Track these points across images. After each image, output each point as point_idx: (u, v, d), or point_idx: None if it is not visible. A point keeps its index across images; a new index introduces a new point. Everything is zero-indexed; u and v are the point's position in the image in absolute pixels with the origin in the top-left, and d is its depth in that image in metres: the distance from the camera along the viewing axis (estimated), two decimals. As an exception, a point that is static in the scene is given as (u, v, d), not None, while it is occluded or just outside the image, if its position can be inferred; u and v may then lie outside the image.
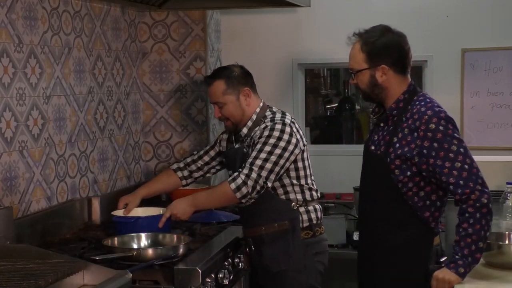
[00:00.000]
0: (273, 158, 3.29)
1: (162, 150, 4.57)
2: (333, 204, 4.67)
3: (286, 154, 3.33)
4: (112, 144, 4.13)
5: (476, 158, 2.98)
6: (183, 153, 4.54)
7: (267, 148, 3.30)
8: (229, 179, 3.29)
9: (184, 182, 3.72)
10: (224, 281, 3.15)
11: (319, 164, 4.97)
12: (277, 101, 5.02)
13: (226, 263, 3.23)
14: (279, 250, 3.37)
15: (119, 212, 3.51)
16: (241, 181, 3.25)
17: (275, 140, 3.32)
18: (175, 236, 3.25)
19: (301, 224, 3.41)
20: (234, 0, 4.48)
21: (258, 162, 3.27)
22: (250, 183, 3.25)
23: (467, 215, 2.89)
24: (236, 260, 3.37)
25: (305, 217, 3.43)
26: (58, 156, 3.57)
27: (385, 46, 3.07)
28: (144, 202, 3.62)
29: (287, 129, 3.36)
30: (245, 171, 3.26)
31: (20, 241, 3.09)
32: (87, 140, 3.85)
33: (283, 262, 3.38)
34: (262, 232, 3.39)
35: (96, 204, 3.75)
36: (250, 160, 3.29)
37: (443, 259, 2.99)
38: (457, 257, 2.88)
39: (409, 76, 3.14)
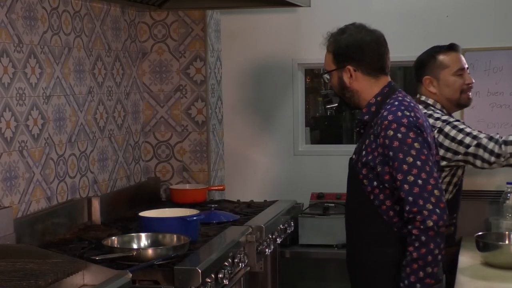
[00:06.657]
0: None
1: (162, 150, 4.56)
2: (333, 204, 4.66)
3: None
4: (112, 144, 4.12)
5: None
6: (183, 153, 4.54)
7: None
8: None
9: None
10: (224, 281, 3.15)
11: (319, 164, 4.97)
12: (277, 101, 5.03)
13: (226, 263, 3.23)
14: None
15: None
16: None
17: None
18: (175, 236, 3.24)
19: None
20: (234, 0, 4.48)
21: None
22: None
23: (413, 237, 2.60)
24: (236, 260, 3.37)
25: None
26: (58, 156, 3.57)
27: (348, 45, 2.86)
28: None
29: None
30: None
31: (20, 241, 3.09)
32: (87, 140, 3.85)
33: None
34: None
35: (96, 204, 3.74)
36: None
37: None
38: (402, 285, 2.61)
39: (385, 77, 2.88)
